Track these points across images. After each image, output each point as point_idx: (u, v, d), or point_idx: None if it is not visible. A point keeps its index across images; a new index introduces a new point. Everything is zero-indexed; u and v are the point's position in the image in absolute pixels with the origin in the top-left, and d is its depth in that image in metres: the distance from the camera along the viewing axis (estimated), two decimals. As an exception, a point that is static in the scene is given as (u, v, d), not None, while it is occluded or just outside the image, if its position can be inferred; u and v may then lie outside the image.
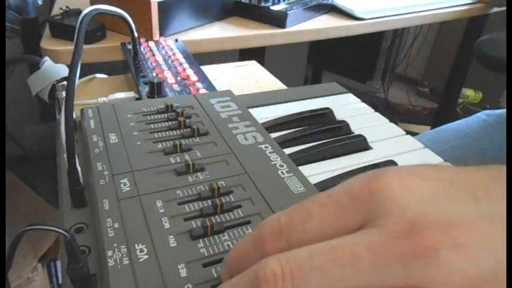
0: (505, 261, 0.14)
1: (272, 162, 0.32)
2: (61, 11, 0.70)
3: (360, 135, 0.40)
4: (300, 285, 0.15)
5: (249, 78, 0.62)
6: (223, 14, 0.84)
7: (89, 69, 0.58)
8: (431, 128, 0.89)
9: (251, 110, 0.41)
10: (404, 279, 0.14)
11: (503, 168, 0.17)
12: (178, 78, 0.50)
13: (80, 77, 0.33)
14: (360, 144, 0.39)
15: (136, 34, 0.52)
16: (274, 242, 0.17)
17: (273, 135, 0.39)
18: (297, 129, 0.41)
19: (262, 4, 0.85)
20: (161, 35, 0.67)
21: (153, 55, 0.56)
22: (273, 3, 0.86)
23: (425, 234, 0.15)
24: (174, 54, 0.56)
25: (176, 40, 0.62)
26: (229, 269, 0.19)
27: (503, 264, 0.14)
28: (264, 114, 0.43)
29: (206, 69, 0.58)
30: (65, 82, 0.44)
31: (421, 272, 0.14)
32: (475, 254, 0.14)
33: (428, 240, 0.14)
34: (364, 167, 0.36)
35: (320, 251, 0.15)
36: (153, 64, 0.53)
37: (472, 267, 0.14)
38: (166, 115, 0.38)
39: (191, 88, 0.47)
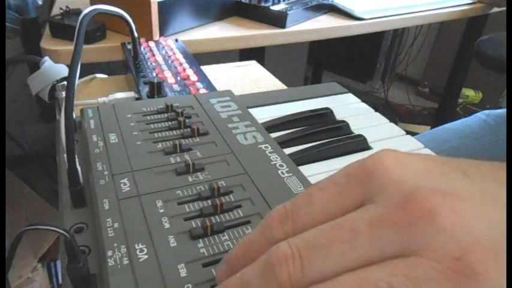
0: (499, 231, 0.14)
1: (272, 162, 0.32)
2: (61, 11, 0.70)
3: (360, 135, 0.40)
4: (308, 263, 0.16)
5: (249, 78, 0.62)
6: (223, 14, 0.84)
7: (89, 69, 0.58)
8: (431, 128, 0.89)
9: (251, 110, 0.41)
10: (400, 248, 0.15)
11: (503, 164, 0.17)
12: (178, 78, 0.50)
13: (80, 77, 0.33)
14: (360, 144, 0.39)
15: (136, 34, 0.51)
16: (281, 226, 0.18)
17: (273, 135, 0.39)
18: (297, 129, 0.41)
19: (262, 4, 0.85)
20: (161, 35, 0.67)
21: (153, 55, 0.56)
22: (273, 3, 0.86)
23: (422, 201, 0.15)
24: (174, 54, 0.56)
25: (176, 40, 0.62)
26: (235, 262, 0.19)
27: (496, 234, 0.14)
28: (264, 114, 0.43)
29: (206, 69, 0.58)
30: (65, 82, 0.44)
31: (416, 239, 0.15)
32: (470, 222, 0.14)
33: (425, 205, 0.15)
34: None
35: (323, 231, 0.16)
36: (153, 64, 0.53)
37: (467, 235, 0.14)
38: (166, 115, 0.38)
39: (191, 88, 0.47)
